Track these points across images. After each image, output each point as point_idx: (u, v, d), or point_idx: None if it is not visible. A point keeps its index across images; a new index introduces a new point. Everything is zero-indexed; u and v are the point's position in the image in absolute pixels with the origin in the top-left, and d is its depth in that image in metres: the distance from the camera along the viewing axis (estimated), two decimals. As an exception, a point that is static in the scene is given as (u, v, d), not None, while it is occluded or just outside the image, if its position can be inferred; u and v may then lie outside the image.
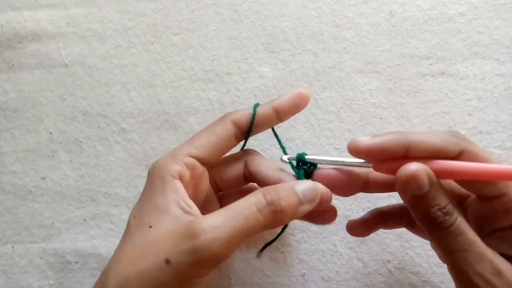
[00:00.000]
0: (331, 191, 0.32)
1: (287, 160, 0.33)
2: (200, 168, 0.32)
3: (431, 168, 0.28)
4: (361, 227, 0.35)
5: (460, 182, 0.30)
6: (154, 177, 0.31)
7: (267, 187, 0.30)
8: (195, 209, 0.30)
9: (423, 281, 0.40)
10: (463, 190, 0.32)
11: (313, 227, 0.41)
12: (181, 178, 0.31)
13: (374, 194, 0.41)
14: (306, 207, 0.30)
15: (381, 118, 0.43)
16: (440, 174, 0.28)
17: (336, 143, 0.43)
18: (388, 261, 0.40)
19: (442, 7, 0.44)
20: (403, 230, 0.36)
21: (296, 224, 0.42)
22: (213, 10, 0.45)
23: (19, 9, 0.46)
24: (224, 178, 0.35)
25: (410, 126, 0.42)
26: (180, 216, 0.29)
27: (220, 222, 0.27)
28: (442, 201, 0.28)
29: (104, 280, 0.28)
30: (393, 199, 0.41)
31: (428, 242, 0.40)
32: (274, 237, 0.39)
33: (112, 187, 0.43)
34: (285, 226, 0.38)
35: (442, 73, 0.43)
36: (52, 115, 0.45)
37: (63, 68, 0.45)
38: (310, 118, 0.43)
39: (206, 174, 0.34)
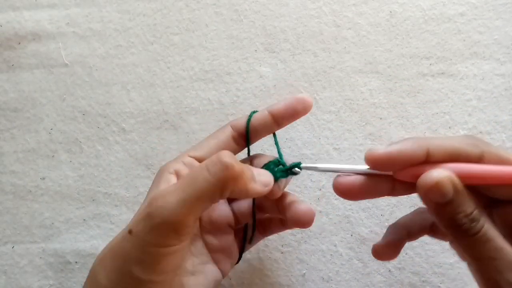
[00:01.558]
0: (354, 198, 0.31)
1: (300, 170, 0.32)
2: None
3: (454, 173, 0.27)
4: (389, 250, 0.33)
5: (486, 186, 0.29)
6: (155, 178, 0.33)
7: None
8: None
9: (423, 281, 0.40)
10: (489, 193, 0.30)
11: (313, 227, 0.41)
12: (177, 173, 0.32)
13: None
14: (258, 187, 0.29)
15: (381, 118, 0.43)
16: (465, 178, 0.27)
17: (336, 143, 0.43)
18: (388, 261, 0.40)
19: (442, 7, 0.44)
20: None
21: (296, 224, 0.42)
22: (213, 10, 0.45)
23: (19, 9, 0.46)
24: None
25: (410, 126, 0.42)
26: None
27: (172, 188, 0.28)
28: (468, 207, 0.27)
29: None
30: (392, 199, 0.41)
31: (428, 242, 0.40)
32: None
33: (112, 187, 0.43)
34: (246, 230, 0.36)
35: (442, 73, 0.43)
36: (52, 115, 0.45)
37: (63, 68, 0.45)
38: (310, 118, 0.43)
39: None
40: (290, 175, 0.32)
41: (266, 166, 0.32)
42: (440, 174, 0.26)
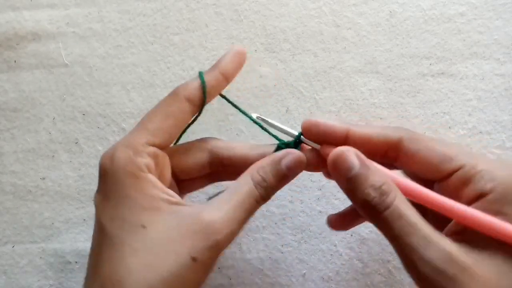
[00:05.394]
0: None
1: (256, 119, 0.33)
2: (162, 154, 0.31)
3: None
4: (341, 221, 0.35)
5: (411, 168, 0.30)
6: (120, 173, 0.29)
7: (254, 170, 0.30)
8: (177, 197, 0.30)
9: (423, 281, 0.40)
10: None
11: (313, 227, 0.41)
12: (149, 171, 0.30)
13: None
14: (290, 179, 0.31)
15: (381, 118, 0.43)
16: None
17: (336, 143, 0.43)
18: (388, 261, 0.40)
19: (442, 7, 0.44)
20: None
21: (296, 224, 0.42)
22: (213, 10, 0.45)
23: (19, 9, 0.46)
24: (185, 167, 0.34)
25: (410, 126, 0.42)
26: (176, 210, 0.29)
27: (230, 215, 0.28)
28: (377, 180, 0.27)
29: None
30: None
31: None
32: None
33: (112, 187, 0.43)
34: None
35: (442, 73, 0.43)
36: (52, 115, 0.45)
37: (63, 68, 0.45)
38: (310, 118, 0.43)
39: (167, 159, 0.33)
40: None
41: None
42: (346, 147, 0.28)
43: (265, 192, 0.30)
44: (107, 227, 0.28)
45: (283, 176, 0.30)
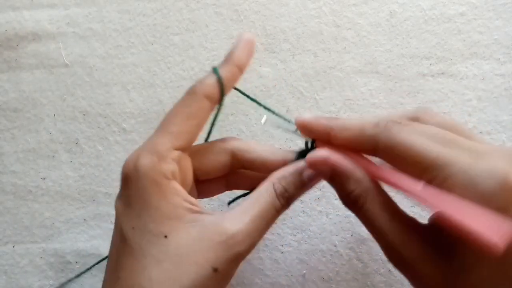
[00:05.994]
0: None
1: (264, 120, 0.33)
2: (186, 158, 0.31)
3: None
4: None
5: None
6: (144, 181, 0.28)
7: (276, 179, 0.30)
8: (199, 205, 0.30)
9: (423, 281, 0.40)
10: None
11: (313, 227, 0.42)
12: (174, 177, 0.29)
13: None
14: (309, 188, 0.32)
15: (381, 118, 0.43)
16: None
17: (336, 143, 0.43)
18: (388, 261, 0.40)
19: (442, 7, 0.44)
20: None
21: (296, 224, 0.42)
22: (213, 10, 0.45)
23: (19, 9, 0.46)
24: (205, 168, 0.33)
25: (410, 126, 0.42)
26: (197, 219, 0.28)
27: (251, 226, 0.28)
28: (348, 186, 0.30)
29: None
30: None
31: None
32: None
33: (112, 187, 0.43)
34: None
35: (442, 73, 0.43)
36: (52, 115, 0.45)
37: (63, 68, 0.45)
38: (310, 118, 0.43)
39: (189, 162, 0.32)
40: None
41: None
42: (315, 155, 0.29)
43: (286, 202, 0.30)
44: (129, 236, 0.28)
45: (304, 186, 0.31)
